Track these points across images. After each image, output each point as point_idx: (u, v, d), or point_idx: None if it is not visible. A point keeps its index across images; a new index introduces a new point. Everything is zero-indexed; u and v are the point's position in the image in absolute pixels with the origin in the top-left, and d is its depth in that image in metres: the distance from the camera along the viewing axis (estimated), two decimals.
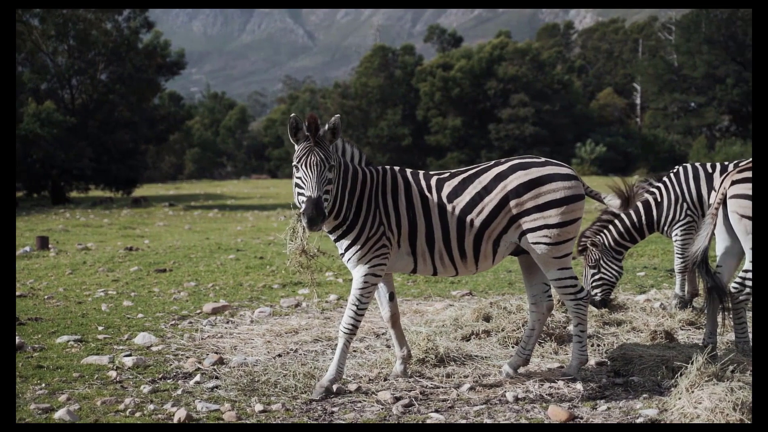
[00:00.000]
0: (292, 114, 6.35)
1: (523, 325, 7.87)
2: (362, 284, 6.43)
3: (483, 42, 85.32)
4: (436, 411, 5.96)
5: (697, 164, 9.51)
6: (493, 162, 6.69)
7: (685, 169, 9.45)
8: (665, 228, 9.44)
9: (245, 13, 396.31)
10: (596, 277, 9.35)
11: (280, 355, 7.69)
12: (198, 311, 9.84)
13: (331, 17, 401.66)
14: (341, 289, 11.37)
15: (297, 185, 6.21)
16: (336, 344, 8.06)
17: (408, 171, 6.69)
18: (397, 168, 6.71)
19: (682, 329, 8.19)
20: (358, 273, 6.47)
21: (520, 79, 73.60)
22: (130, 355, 7.56)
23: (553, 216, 6.34)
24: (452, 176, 6.63)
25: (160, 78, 44.91)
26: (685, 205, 9.27)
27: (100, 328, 8.80)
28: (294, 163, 6.24)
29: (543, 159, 6.60)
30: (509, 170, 6.47)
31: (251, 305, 10.28)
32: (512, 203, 6.38)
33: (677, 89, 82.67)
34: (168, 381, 6.81)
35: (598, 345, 7.63)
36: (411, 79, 76.43)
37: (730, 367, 5.92)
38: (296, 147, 6.30)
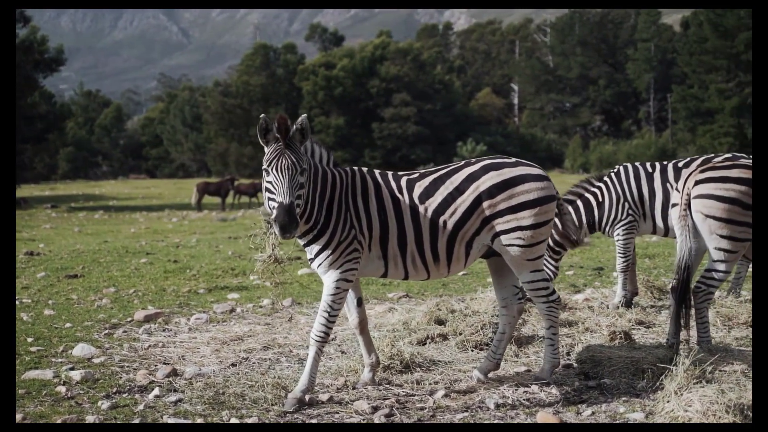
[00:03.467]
0: (262, 115, 6.07)
1: (481, 328, 7.80)
2: (334, 290, 6.21)
3: (363, 41, 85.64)
4: (419, 420, 5.80)
5: (637, 164, 9.64)
6: (463, 162, 6.57)
7: (626, 169, 9.57)
8: (606, 228, 9.54)
9: (116, 9, 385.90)
10: None
11: (234, 365, 7.38)
12: (129, 319, 9.40)
13: (206, 15, 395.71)
14: (272, 293, 11.07)
15: (268, 190, 5.95)
16: (289, 351, 7.87)
17: (376, 172, 6.52)
18: (365, 169, 6.52)
19: (634, 329, 8.25)
20: (329, 279, 6.24)
21: (402, 79, 74.21)
22: (73, 368, 7.13)
23: (526, 217, 6.26)
24: (422, 177, 6.49)
25: (38, 74, 43.24)
26: (626, 204, 9.38)
27: (29, 340, 8.28)
28: (264, 166, 5.97)
29: (513, 159, 6.53)
30: (481, 171, 6.36)
31: (183, 311, 9.89)
32: (485, 204, 6.27)
33: (553, 90, 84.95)
34: (124, 395, 6.43)
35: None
36: (293, 78, 76.11)
37: (708, 369, 5.97)
38: (266, 150, 6.04)
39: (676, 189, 7.19)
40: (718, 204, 6.79)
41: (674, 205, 7.21)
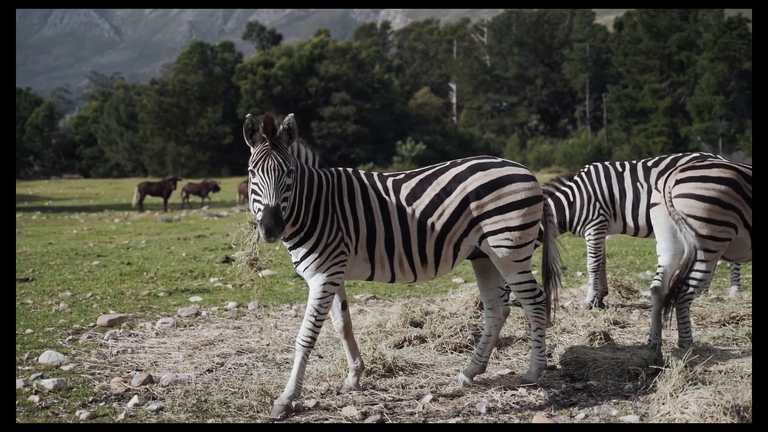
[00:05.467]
0: (248, 115, 5.92)
1: (460, 330, 7.71)
2: (321, 294, 6.06)
3: (301, 40, 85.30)
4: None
5: (606, 163, 9.67)
6: (449, 162, 6.48)
7: (596, 168, 9.58)
8: (578, 228, 9.54)
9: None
10: None
11: (210, 371, 7.18)
12: (92, 324, 9.12)
13: (138, 12, 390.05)
14: (235, 295, 10.86)
15: (253, 191, 5.79)
16: (264, 356, 7.70)
17: (362, 172, 6.40)
18: (350, 169, 6.40)
19: (610, 328, 8.21)
20: (315, 282, 6.08)
21: (341, 78, 74.17)
22: (43, 377, 6.87)
23: (514, 218, 6.19)
24: (408, 177, 6.37)
25: None
26: (597, 204, 9.38)
27: None
28: (250, 168, 5.81)
29: (500, 159, 6.46)
30: (468, 171, 6.27)
31: (146, 315, 9.63)
32: (472, 205, 6.18)
33: (491, 89, 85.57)
34: (101, 404, 6.20)
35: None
36: (231, 77, 75.50)
37: (698, 369, 5.95)
38: (252, 150, 5.88)
39: (656, 188, 7.20)
40: (698, 203, 6.81)
41: (653, 204, 7.22)
